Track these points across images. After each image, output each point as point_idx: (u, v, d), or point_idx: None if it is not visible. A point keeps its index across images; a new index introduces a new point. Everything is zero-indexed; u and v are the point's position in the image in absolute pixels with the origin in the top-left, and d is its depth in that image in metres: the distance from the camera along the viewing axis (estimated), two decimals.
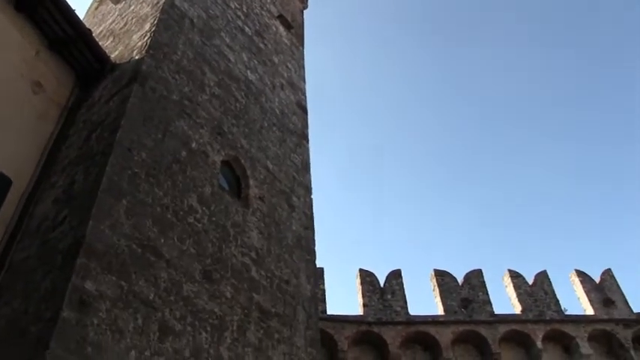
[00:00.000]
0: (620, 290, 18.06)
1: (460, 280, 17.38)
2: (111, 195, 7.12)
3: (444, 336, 15.80)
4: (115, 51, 10.68)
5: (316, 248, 11.20)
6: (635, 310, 17.62)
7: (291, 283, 9.70)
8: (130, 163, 7.73)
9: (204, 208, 8.60)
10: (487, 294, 17.05)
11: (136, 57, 9.60)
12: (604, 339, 17.07)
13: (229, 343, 7.70)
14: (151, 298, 6.84)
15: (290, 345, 8.85)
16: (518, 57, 48.02)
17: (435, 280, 17.27)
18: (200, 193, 8.73)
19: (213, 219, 8.69)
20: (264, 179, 10.67)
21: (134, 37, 10.47)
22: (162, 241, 7.50)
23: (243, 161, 10.37)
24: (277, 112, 12.77)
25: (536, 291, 17.64)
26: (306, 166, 12.54)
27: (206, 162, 9.34)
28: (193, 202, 8.49)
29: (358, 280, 16.77)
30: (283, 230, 10.36)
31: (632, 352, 16.48)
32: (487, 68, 48.60)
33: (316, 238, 11.39)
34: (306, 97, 14.69)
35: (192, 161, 8.99)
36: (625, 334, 16.92)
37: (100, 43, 10.69)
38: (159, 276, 7.14)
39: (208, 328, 7.48)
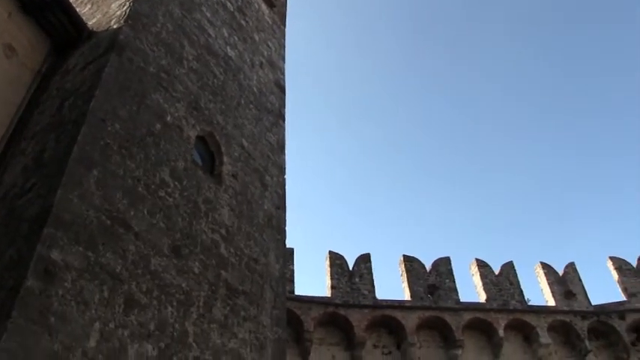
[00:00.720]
0: (582, 283, 18.54)
1: (428, 266, 17.63)
2: (82, 165, 7.02)
3: (410, 321, 16.05)
4: (92, 18, 10.45)
5: (287, 228, 11.24)
6: (593, 303, 18.14)
7: (260, 261, 9.73)
8: (103, 133, 7.63)
9: (176, 183, 8.55)
10: (454, 281, 17.35)
11: (114, 26, 9.42)
12: (563, 329, 17.56)
13: (195, 318, 7.72)
14: (117, 270, 6.81)
15: (256, 323, 8.91)
16: (497, 59, 48.45)
17: (403, 266, 17.49)
18: (173, 167, 8.67)
19: (185, 194, 8.65)
20: (239, 157, 10.64)
21: (113, 5, 10.26)
22: (132, 213, 7.45)
23: (218, 137, 10.30)
24: (255, 90, 12.69)
25: (502, 281, 18.00)
26: (281, 146, 12.52)
27: (180, 136, 9.26)
28: (165, 176, 8.43)
29: (327, 262, 16.89)
30: (255, 209, 10.36)
31: (587, 342, 17.04)
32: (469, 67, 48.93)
33: (287, 218, 11.43)
34: (284, 76, 14.61)
35: (167, 135, 8.91)
36: (582, 326, 17.42)
37: (78, 10, 10.44)
38: (127, 249, 7.10)
39: (174, 303, 7.48)
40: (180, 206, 8.42)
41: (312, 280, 42.73)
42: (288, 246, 13.71)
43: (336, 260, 16.89)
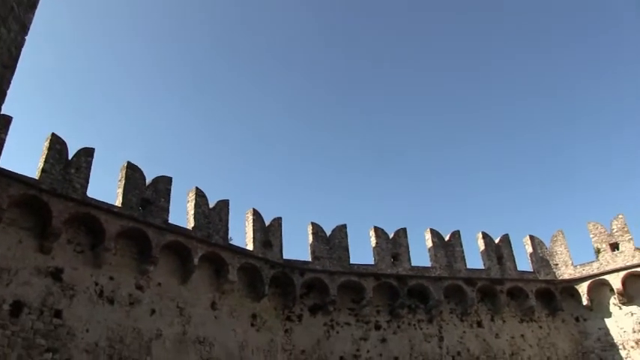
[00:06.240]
0: (281, 237, 20.50)
1: (149, 180, 17.54)
2: None
3: (113, 226, 15.83)
4: None
5: (9, 93, 10.12)
6: (285, 257, 20.24)
7: None
8: None
9: None
10: (168, 202, 17.61)
11: None
12: (251, 272, 19.30)
13: None
14: None
15: None
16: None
17: (124, 172, 17.13)
18: None
19: None
20: None
21: None
22: None
23: None
24: None
25: (213, 215, 18.87)
26: (32, 3, 11.14)
27: None
28: None
29: (46, 145, 15.67)
30: None
31: (266, 288, 19.06)
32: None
33: (14, 84, 10.30)
34: None
35: None
36: (268, 273, 19.38)
37: None
38: None
39: None
40: None
41: (28, 160, 39.30)
42: (5, 113, 12.47)
43: (57, 145, 15.70)
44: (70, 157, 15.81)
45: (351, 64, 52.46)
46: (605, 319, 22.98)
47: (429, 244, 23.63)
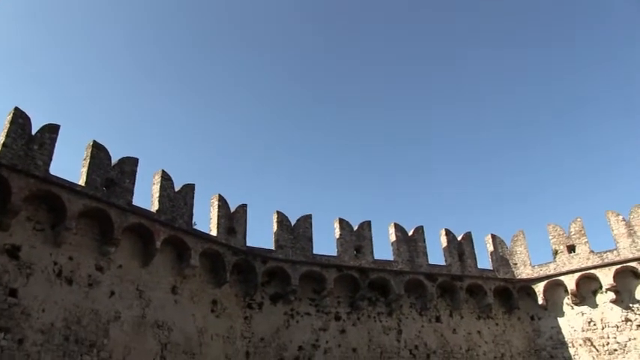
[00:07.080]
0: (245, 224, 20.50)
1: (114, 161, 17.22)
2: None
3: (75, 205, 15.47)
4: None
5: None
6: (248, 244, 20.23)
7: None
8: None
9: None
10: (133, 184, 17.35)
11: None
12: (213, 257, 19.22)
13: None
14: None
15: None
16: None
17: (90, 151, 16.74)
18: None
19: None
20: None
21: None
22: None
23: None
24: None
25: (179, 199, 18.68)
26: None
27: None
28: None
29: (8, 119, 15.19)
30: None
31: (228, 274, 19.02)
32: None
33: None
34: None
35: None
36: (230, 259, 19.35)
37: None
38: None
39: None
40: None
41: None
42: None
43: (20, 119, 15.18)
44: (33, 133, 15.38)
45: (325, 56, 52.35)
46: (558, 318, 23.64)
47: (393, 238, 23.86)
